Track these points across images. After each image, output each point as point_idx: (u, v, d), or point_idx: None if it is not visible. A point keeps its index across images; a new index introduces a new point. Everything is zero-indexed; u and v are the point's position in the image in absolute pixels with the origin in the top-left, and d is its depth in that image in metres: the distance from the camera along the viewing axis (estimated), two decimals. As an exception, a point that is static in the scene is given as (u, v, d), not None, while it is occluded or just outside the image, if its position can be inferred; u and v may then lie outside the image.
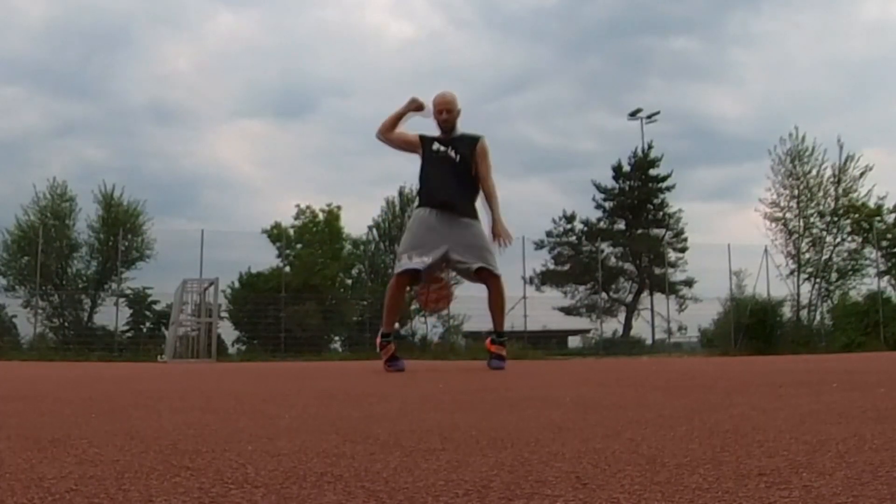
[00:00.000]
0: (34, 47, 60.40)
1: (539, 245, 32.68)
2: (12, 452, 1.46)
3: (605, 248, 32.78)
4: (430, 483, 1.17)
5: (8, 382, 4.64)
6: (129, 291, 28.06)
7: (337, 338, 29.55)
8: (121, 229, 27.56)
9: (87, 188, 32.34)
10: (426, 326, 28.41)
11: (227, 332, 27.91)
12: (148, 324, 28.78)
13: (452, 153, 6.45)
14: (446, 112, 6.53)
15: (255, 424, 2.08)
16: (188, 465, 1.32)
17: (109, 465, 1.33)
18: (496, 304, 6.64)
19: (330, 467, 1.31)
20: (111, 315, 27.17)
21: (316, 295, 27.44)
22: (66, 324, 27.71)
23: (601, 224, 34.72)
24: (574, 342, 32.10)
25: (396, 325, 6.55)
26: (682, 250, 33.13)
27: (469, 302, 27.20)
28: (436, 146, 6.51)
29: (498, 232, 6.50)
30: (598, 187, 35.12)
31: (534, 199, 55.12)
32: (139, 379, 5.28)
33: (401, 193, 30.84)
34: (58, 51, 61.75)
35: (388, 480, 1.20)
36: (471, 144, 6.50)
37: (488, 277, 6.42)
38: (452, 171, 6.45)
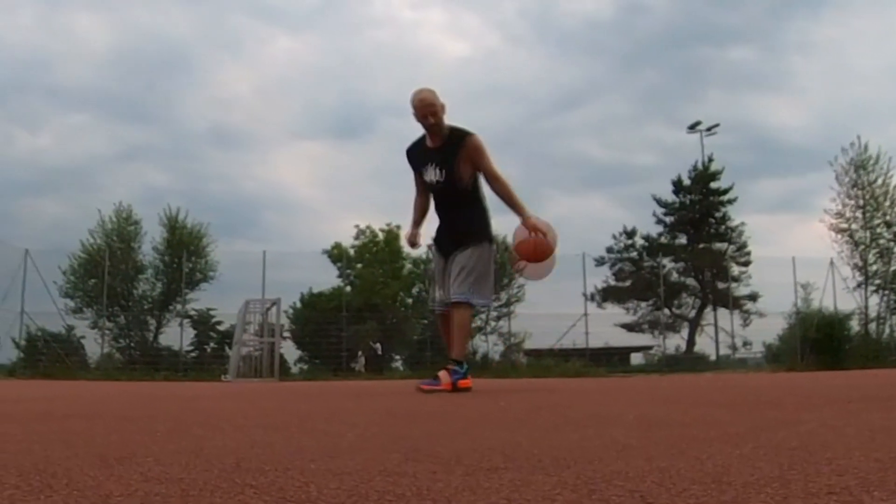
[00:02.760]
0: (100, 76, 61.99)
1: (600, 261, 32.48)
2: (80, 470, 1.49)
3: (667, 263, 32.41)
4: (491, 502, 1.17)
5: (76, 401, 4.73)
6: (193, 312, 28.47)
7: (398, 357, 29.65)
8: (185, 251, 28.03)
9: (152, 211, 32.86)
10: (487, 344, 28.38)
11: (290, 351, 28.16)
12: (212, 344, 29.17)
13: (438, 172, 6.03)
14: (431, 116, 5.95)
15: (317, 443, 2.09)
16: (252, 484, 1.33)
17: (174, 483, 1.35)
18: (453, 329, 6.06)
19: (392, 486, 1.31)
20: (176, 335, 27.64)
21: (377, 314, 27.56)
22: (132, 344, 28.21)
23: (662, 239, 34.31)
24: (636, 359, 31.81)
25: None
26: (746, 264, 32.55)
27: (530, 320, 27.25)
28: (426, 174, 6.12)
29: (532, 226, 6.07)
30: (659, 202, 34.77)
31: (593, 214, 54.87)
32: (203, 398, 5.34)
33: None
34: (122, 78, 63.23)
35: (450, 499, 1.19)
36: (455, 150, 5.97)
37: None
38: (442, 197, 6.17)
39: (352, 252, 31.11)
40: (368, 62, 68.20)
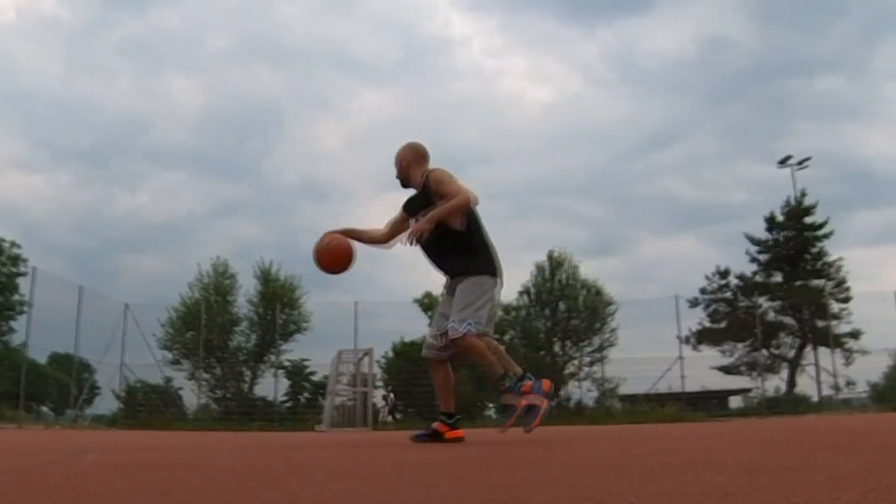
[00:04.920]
0: (193, 135, 64.26)
1: (693, 303, 31.84)
2: (181, 521, 1.51)
3: (763, 302, 31.50)
4: (590, 551, 1.14)
5: (174, 451, 4.81)
6: (287, 363, 28.91)
7: (491, 405, 29.50)
8: (278, 303, 28.51)
9: (246, 264, 33.77)
10: (580, 391, 28.07)
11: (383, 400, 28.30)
12: (306, 394, 29.51)
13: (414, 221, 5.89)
14: (396, 169, 6.12)
15: (412, 492, 2.08)
16: (348, 533, 1.33)
17: (272, 532, 1.35)
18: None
19: (488, 535, 1.29)
20: (270, 386, 28.09)
21: (468, 362, 27.51)
22: (228, 395, 28.72)
23: (757, 278, 33.32)
24: (735, 402, 30.98)
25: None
26: (846, 300, 31.36)
27: (624, 364, 26.87)
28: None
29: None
30: (752, 240, 33.87)
31: (685, 255, 54.15)
32: (298, 447, 5.38)
33: (550, 257, 30.75)
34: (215, 137, 65.48)
35: (548, 548, 1.17)
36: (424, 194, 5.90)
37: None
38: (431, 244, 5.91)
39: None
40: (454, 112, 69.03)
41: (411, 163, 6.05)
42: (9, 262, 36.49)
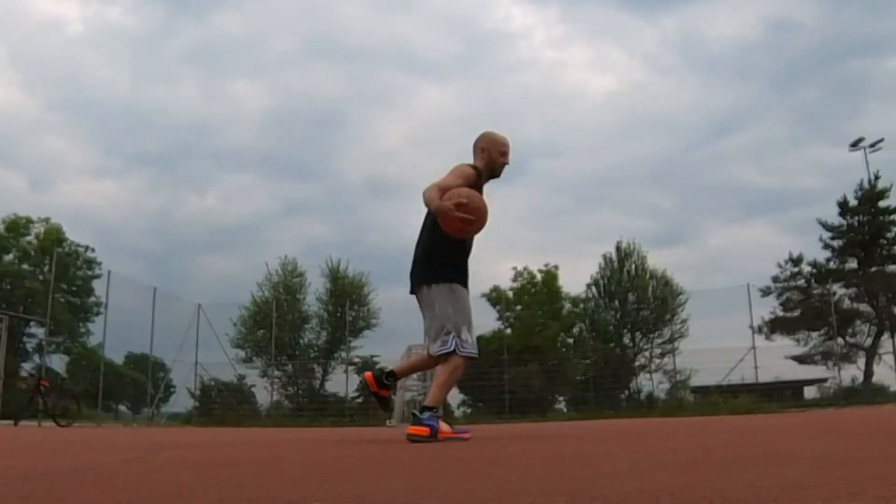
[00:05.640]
0: (259, 137, 65.19)
1: (765, 291, 31.26)
2: (253, 516, 1.52)
3: (837, 289, 30.72)
4: (662, 546, 1.13)
5: (248, 447, 4.88)
6: (357, 359, 29.12)
7: (561, 398, 29.40)
8: (347, 300, 28.75)
9: (314, 263, 34.11)
10: (652, 383, 27.79)
11: (452, 395, 28.34)
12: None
13: None
14: (508, 156, 5.94)
15: (481, 486, 2.08)
16: (418, 529, 1.33)
17: (343, 528, 1.36)
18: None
19: (558, 530, 1.28)
20: (341, 382, 28.34)
21: (538, 356, 27.46)
22: (300, 391, 29.06)
23: (831, 264, 32.49)
24: (810, 392, 30.33)
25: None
26: (925, 285, 30.59)
27: (696, 355, 26.52)
28: None
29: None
30: (825, 225, 33.06)
31: (756, 243, 53.20)
32: (369, 443, 5.42)
33: (618, 248, 30.50)
34: (281, 138, 66.31)
35: (619, 544, 1.16)
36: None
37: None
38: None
39: (510, 294, 31.16)
40: (516, 105, 68.79)
41: None
42: (84, 265, 37.43)
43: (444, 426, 5.56)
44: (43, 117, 65.47)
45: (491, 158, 5.88)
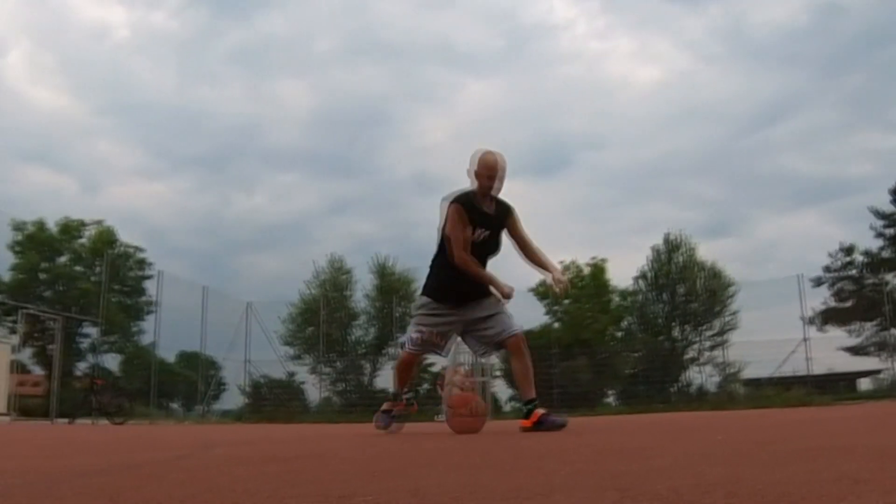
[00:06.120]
0: (305, 136, 65.68)
1: (817, 282, 30.73)
2: (306, 512, 1.54)
3: (891, 279, 30.03)
4: (715, 540, 1.12)
5: (299, 443, 4.93)
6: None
7: (610, 391, 29.24)
8: (395, 296, 28.85)
9: (362, 260, 34.27)
10: (702, 376, 27.54)
11: (502, 390, 28.36)
12: (426, 385, 29.74)
13: (486, 233, 6.20)
14: (497, 179, 6.14)
15: (532, 481, 2.08)
16: (469, 523, 1.34)
17: (395, 523, 1.37)
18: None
19: (609, 524, 1.28)
20: (390, 378, 28.40)
21: (587, 349, 27.34)
22: (349, 388, 29.23)
23: (884, 253, 31.88)
24: (864, 384, 29.81)
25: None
26: (981, 273, 29.83)
27: (747, 348, 26.21)
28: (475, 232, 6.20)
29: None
30: (877, 213, 32.31)
31: (806, 233, 52.37)
32: (419, 438, 5.44)
33: (666, 240, 30.23)
34: (326, 136, 66.79)
35: (671, 538, 1.16)
36: (504, 216, 6.36)
37: None
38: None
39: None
40: (561, 98, 68.41)
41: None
42: (136, 266, 37.95)
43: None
44: (92, 122, 66.53)
45: (479, 182, 6.11)
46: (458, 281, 6.09)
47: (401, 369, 6.66)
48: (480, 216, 6.08)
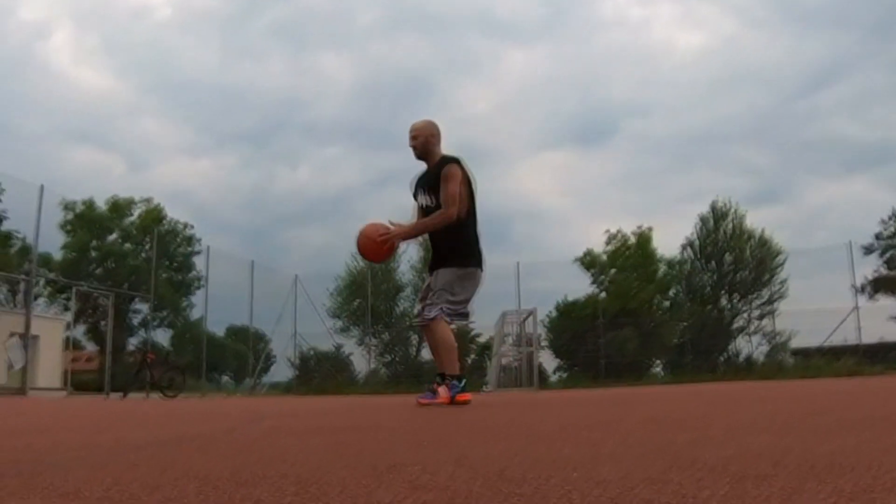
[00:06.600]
0: (348, 109, 65.77)
1: (868, 249, 30.28)
2: (353, 479, 1.55)
3: (945, 245, 29.59)
4: (762, 510, 1.12)
5: (347, 414, 4.97)
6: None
7: (658, 361, 29.10)
8: (440, 268, 28.91)
9: (407, 232, 34.38)
10: (751, 346, 27.29)
11: (548, 360, 28.35)
12: (472, 356, 29.87)
13: (428, 198, 6.34)
14: (411, 141, 6.45)
15: (579, 451, 2.09)
16: (516, 492, 1.34)
17: (441, 490, 1.38)
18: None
19: (656, 494, 1.28)
20: (438, 351, 28.53)
21: (633, 319, 27.21)
22: (397, 359, 29.41)
23: (937, 219, 31.33)
24: (917, 353, 29.37)
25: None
26: None
27: (796, 317, 25.92)
28: (419, 197, 6.47)
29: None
30: (929, 179, 31.75)
31: (857, 199, 51.43)
32: (466, 409, 5.46)
33: (713, 208, 29.88)
34: (369, 109, 66.80)
35: (718, 507, 1.15)
36: (435, 175, 6.29)
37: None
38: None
39: (605, 258, 30.90)
40: (605, 66, 67.69)
41: (432, 138, 6.47)
42: (185, 242, 38.45)
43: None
44: (137, 101, 67.22)
45: None
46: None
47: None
48: (420, 179, 6.51)
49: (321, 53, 71.92)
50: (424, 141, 6.40)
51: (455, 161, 6.29)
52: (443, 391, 5.99)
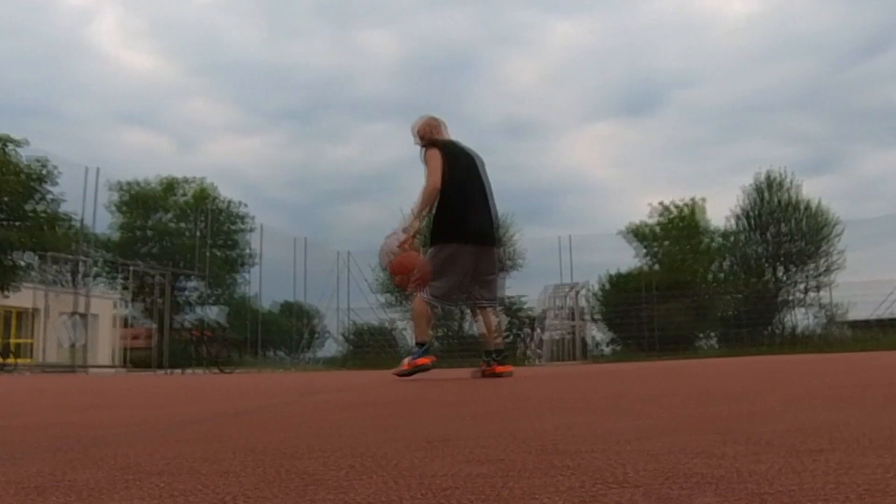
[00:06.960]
0: (394, 85, 65.79)
1: (926, 219, 29.63)
2: (408, 452, 1.57)
3: None
4: (817, 486, 1.11)
5: (398, 388, 5.00)
6: (504, 300, 29.34)
7: (711, 333, 28.86)
8: (485, 242, 28.95)
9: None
10: (807, 318, 26.95)
11: (599, 332, 28.27)
12: (524, 328, 29.88)
13: None
14: (415, 138, 7.22)
15: (631, 424, 2.08)
16: (568, 465, 1.35)
17: (494, 463, 1.39)
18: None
19: (710, 468, 1.27)
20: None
21: (684, 291, 26.99)
22: (448, 333, 29.51)
23: None
24: None
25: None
26: None
27: (853, 288, 25.52)
28: None
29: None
30: None
31: (915, 168, 50.34)
32: (517, 382, 5.47)
33: (767, 178, 29.37)
34: (415, 84, 66.75)
35: (772, 482, 1.14)
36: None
37: None
38: None
39: (657, 230, 30.66)
40: (651, 35, 66.84)
41: (433, 130, 7.27)
42: (238, 220, 38.85)
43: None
44: (185, 81, 68.02)
45: None
46: None
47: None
48: None
49: (365, 30, 72.02)
50: (425, 136, 7.15)
51: (433, 144, 6.89)
52: (407, 360, 6.57)
